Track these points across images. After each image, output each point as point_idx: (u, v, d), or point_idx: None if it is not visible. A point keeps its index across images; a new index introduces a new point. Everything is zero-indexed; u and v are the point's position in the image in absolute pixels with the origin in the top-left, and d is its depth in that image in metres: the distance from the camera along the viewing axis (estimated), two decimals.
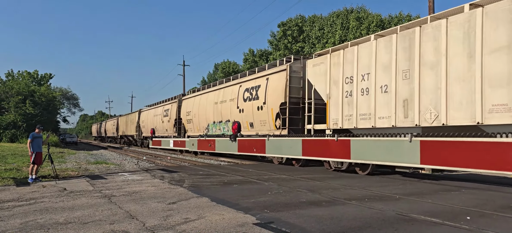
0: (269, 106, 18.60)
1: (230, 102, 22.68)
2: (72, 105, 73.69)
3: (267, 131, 19.04)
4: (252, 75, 21.36)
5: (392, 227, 6.16)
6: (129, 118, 51.87)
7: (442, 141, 10.55)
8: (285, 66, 17.82)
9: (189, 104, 30.02)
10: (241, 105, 21.47)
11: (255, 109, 19.93)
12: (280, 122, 17.88)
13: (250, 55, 52.11)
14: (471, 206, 8.02)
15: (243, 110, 21.26)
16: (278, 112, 17.78)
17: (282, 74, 18.04)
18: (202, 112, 26.78)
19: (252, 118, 20.31)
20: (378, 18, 36.70)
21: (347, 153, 13.55)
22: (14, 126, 40.79)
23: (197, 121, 27.93)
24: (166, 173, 14.45)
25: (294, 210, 7.49)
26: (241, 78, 22.62)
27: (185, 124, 30.33)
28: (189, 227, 6.12)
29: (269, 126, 18.83)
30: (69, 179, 12.60)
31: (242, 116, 21.35)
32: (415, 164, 11.38)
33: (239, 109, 21.65)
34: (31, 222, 6.45)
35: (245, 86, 21.32)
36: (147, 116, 41.72)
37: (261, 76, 20.11)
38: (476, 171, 10.07)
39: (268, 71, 19.55)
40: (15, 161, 18.41)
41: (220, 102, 24.10)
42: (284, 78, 17.79)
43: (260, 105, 19.47)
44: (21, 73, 56.71)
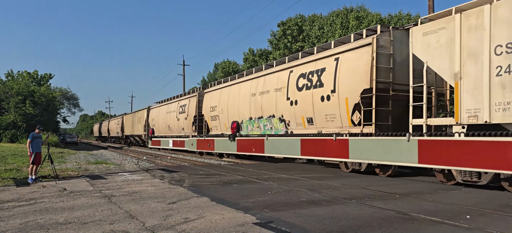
0: (342, 96, 14.27)
1: (276, 93, 18.39)
2: (72, 106, 73.76)
3: (337, 128, 14.76)
4: (309, 56, 16.88)
5: (392, 226, 6.16)
6: (136, 116, 47.50)
7: (440, 140, 10.56)
8: (369, 40, 13.39)
9: (214, 98, 25.57)
10: (294, 95, 17.04)
11: (317, 100, 15.52)
12: (360, 116, 13.70)
13: (250, 55, 52.06)
14: (471, 205, 8.02)
15: (296, 102, 16.91)
16: (358, 102, 13.59)
17: (363, 51, 13.65)
18: (233, 107, 22.59)
19: (312, 112, 15.96)
20: (377, 17, 36.67)
21: (346, 153, 13.56)
22: (14, 126, 40.80)
23: (225, 117, 23.67)
24: (166, 173, 14.45)
25: (294, 209, 7.49)
26: (291, 62, 18.09)
27: (208, 121, 26.17)
28: (189, 226, 6.12)
29: (341, 122, 14.63)
30: (69, 179, 12.60)
31: (295, 110, 17.06)
32: (413, 163, 11.40)
33: (290, 100, 17.29)
34: (31, 222, 6.46)
35: (300, 72, 16.93)
36: (159, 114, 37.52)
37: (325, 57, 15.54)
38: (475, 170, 10.05)
39: (338, 50, 14.98)
40: (15, 161, 18.41)
41: (259, 93, 19.78)
42: (367, 56, 13.38)
43: (326, 95, 15.05)
44: (21, 74, 56.69)
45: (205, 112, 26.79)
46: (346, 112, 14.26)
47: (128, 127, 52.09)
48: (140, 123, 44.31)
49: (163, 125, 35.63)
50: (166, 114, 34.79)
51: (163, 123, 35.59)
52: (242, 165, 19.15)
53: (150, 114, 40.28)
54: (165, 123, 35.11)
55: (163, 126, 35.86)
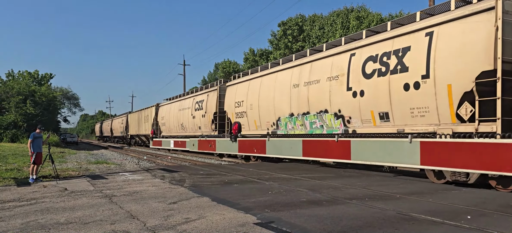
0: (441, 82, 10.87)
1: (330, 83, 14.86)
2: (72, 105, 73.83)
3: (432, 126, 11.38)
4: (380, 34, 13.19)
5: (393, 226, 6.16)
6: (143, 115, 43.46)
7: (442, 142, 10.56)
8: (489, 3, 9.84)
9: (240, 91, 22.04)
10: (359, 84, 13.51)
11: (398, 89, 12.10)
12: (472, 109, 10.25)
13: (251, 55, 52.11)
14: (472, 205, 8.02)
15: (361, 93, 13.42)
16: (471, 90, 10.15)
17: (477, 20, 10.07)
18: (266, 101, 19.15)
19: (388, 104, 12.51)
20: (378, 17, 36.69)
21: (348, 154, 13.55)
22: (15, 126, 40.85)
23: (254, 114, 20.22)
24: (166, 173, 14.45)
25: (295, 209, 7.50)
26: (351, 43, 14.40)
27: (232, 119, 22.77)
28: (190, 227, 6.13)
29: (438, 117, 11.17)
30: (70, 179, 12.61)
31: (360, 102, 13.56)
32: (415, 165, 11.40)
33: (352, 91, 13.81)
34: (32, 222, 6.46)
35: (366, 54, 13.43)
36: (170, 111, 34.07)
37: (408, 32, 12.00)
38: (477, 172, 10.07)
39: (432, 21, 11.32)
40: (15, 161, 18.43)
41: (304, 84, 16.37)
42: (486, 26, 9.85)
43: (413, 82, 11.59)
44: (21, 73, 56.76)
45: (228, 109, 23.40)
46: (447, 104, 10.80)
47: (134, 126, 48.50)
48: (148, 122, 41.15)
49: (175, 123, 32.45)
50: (179, 112, 31.54)
51: (175, 121, 32.42)
52: (242, 164, 19.15)
53: (159, 112, 37.30)
54: (177, 121, 31.97)
55: (175, 125, 32.67)
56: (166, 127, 35.08)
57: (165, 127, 35.34)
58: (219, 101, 24.64)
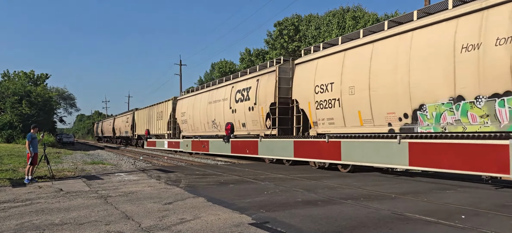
0: None
1: None
2: (68, 106, 73.33)
3: None
4: None
5: (387, 226, 6.19)
6: (155, 111, 36.92)
7: (430, 143, 10.62)
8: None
9: (327, 69, 15.28)
10: None
11: None
12: None
13: (247, 55, 52.10)
14: (466, 204, 8.06)
15: None
16: None
17: None
18: (391, 78, 12.24)
19: None
20: (374, 17, 36.76)
21: (338, 154, 13.61)
22: (11, 126, 40.65)
23: (360, 101, 13.41)
24: (162, 173, 14.44)
25: (290, 209, 7.51)
26: None
27: (309, 113, 16.21)
28: (184, 227, 6.13)
29: None
30: (65, 180, 12.57)
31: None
32: (404, 166, 11.48)
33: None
34: (26, 223, 6.45)
35: None
36: (194, 105, 27.54)
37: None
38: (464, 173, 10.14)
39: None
40: (11, 162, 18.35)
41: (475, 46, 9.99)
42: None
43: None
44: (17, 74, 56.52)
45: (299, 97, 17.05)
46: None
47: (142, 125, 41.72)
48: (162, 119, 34.50)
49: (203, 119, 25.76)
50: (209, 105, 24.93)
51: (203, 117, 25.69)
52: (238, 165, 19.15)
53: (178, 107, 30.93)
54: (206, 117, 25.09)
55: (202, 122, 25.85)
56: (188, 125, 28.21)
57: (186, 125, 28.52)
58: (278, 87, 18.21)
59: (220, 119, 23.25)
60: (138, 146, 44.90)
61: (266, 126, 19.10)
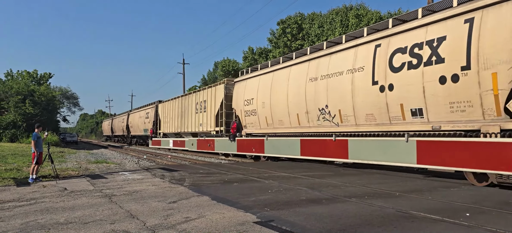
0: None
1: None
2: (72, 105, 73.39)
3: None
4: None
5: (392, 224, 6.18)
6: (191, 101, 28.80)
7: (438, 141, 10.58)
8: None
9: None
10: None
11: None
12: None
13: (250, 53, 52.08)
14: (471, 202, 8.04)
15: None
16: None
17: None
18: None
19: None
20: (377, 15, 36.67)
21: (345, 153, 13.61)
22: (14, 125, 40.82)
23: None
24: (166, 172, 14.46)
25: (294, 208, 7.51)
26: None
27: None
28: (189, 226, 6.14)
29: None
30: (69, 179, 12.61)
31: None
32: (411, 164, 11.44)
33: None
34: (32, 223, 6.47)
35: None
36: (273, 86, 18.55)
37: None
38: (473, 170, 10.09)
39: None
40: (15, 161, 18.43)
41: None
42: None
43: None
44: (20, 73, 56.65)
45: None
46: None
47: (171, 121, 33.63)
48: (206, 112, 26.00)
49: (296, 108, 16.81)
50: (311, 84, 15.83)
51: (296, 105, 16.78)
52: (242, 163, 19.16)
53: (237, 92, 22.21)
54: (305, 104, 16.16)
55: (294, 111, 16.93)
56: (259, 117, 19.74)
57: (255, 118, 20.12)
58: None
59: (340, 102, 14.48)
60: None
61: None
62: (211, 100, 25.39)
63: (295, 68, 17.24)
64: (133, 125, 48.76)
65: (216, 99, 24.67)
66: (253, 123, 20.45)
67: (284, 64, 18.23)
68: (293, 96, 16.84)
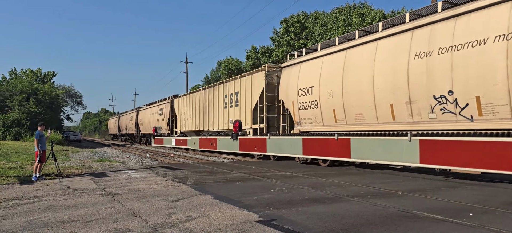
0: None
1: None
2: (75, 103, 73.74)
3: None
4: None
5: (395, 224, 6.16)
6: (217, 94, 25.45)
7: (442, 141, 10.53)
8: None
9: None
10: None
11: None
12: None
13: (253, 52, 52.07)
14: (474, 202, 8.01)
15: None
16: None
17: None
18: None
19: None
20: (380, 14, 36.58)
21: (347, 152, 13.53)
22: (18, 124, 41.00)
23: None
24: (169, 171, 14.49)
25: (297, 207, 7.50)
26: None
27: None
28: (192, 225, 6.14)
29: None
30: (72, 177, 12.65)
31: None
32: (414, 163, 11.37)
33: None
34: (35, 221, 6.49)
35: None
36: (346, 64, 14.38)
37: None
38: (475, 170, 10.04)
39: None
40: (19, 159, 18.50)
41: None
42: None
43: None
44: (24, 72, 56.91)
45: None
46: None
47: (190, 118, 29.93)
48: (238, 106, 22.41)
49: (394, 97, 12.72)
50: None
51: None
52: (245, 162, 19.17)
53: (286, 80, 18.25)
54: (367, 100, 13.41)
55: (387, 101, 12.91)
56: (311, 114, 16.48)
57: (310, 112, 16.49)
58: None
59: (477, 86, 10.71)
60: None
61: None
62: (246, 91, 21.52)
63: (385, 43, 13.00)
64: (144, 123, 44.93)
65: (253, 91, 20.78)
66: (312, 119, 16.43)
67: (364, 38, 13.97)
68: (384, 80, 12.75)
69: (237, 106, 22.55)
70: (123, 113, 63.37)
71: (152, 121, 40.74)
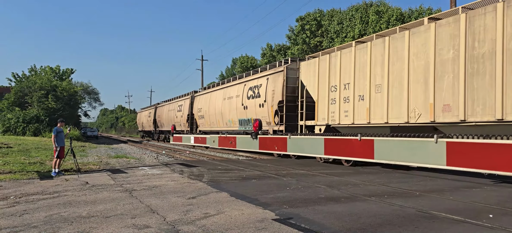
0: None
1: None
2: (92, 100, 74.58)
3: None
4: None
5: (413, 224, 6.10)
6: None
7: (469, 143, 10.31)
8: None
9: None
10: None
11: None
12: None
13: (268, 50, 52.01)
14: (494, 203, 7.87)
15: None
16: None
17: None
18: None
19: None
20: (398, 11, 36.14)
21: (371, 153, 13.39)
22: (37, 120, 41.72)
23: None
24: (185, 168, 14.58)
25: (313, 206, 7.48)
26: None
27: None
28: (209, 222, 6.18)
29: None
30: (90, 173, 12.84)
31: None
32: (441, 166, 11.18)
33: None
34: (55, 215, 6.61)
35: None
36: None
37: None
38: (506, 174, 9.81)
39: None
40: (38, 155, 18.84)
41: None
42: None
43: None
44: (43, 69, 57.82)
45: None
46: None
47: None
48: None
49: None
50: None
51: None
52: (260, 160, 19.18)
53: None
54: None
55: None
56: None
57: None
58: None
59: None
60: None
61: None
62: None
63: None
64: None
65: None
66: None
67: None
68: None
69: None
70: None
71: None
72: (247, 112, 23.15)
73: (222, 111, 27.03)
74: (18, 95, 44.70)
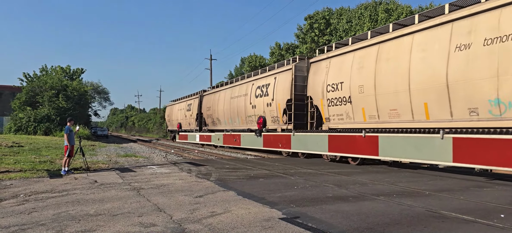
0: None
1: None
2: (102, 99, 75.30)
3: None
4: None
5: (422, 224, 6.02)
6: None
7: (476, 139, 10.17)
8: None
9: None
10: None
11: None
12: None
13: (277, 49, 51.90)
14: (505, 203, 7.75)
15: None
16: None
17: None
18: None
19: None
20: (408, 9, 35.83)
21: (375, 150, 13.31)
22: (48, 119, 42.10)
23: None
24: (193, 167, 14.60)
25: (321, 205, 7.43)
26: None
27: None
28: (215, 220, 6.16)
29: None
30: (99, 172, 12.90)
31: None
32: (447, 162, 11.06)
33: None
34: (63, 213, 6.65)
35: None
36: None
37: None
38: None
39: None
40: (48, 153, 19.00)
41: None
42: None
43: None
44: (54, 68, 58.32)
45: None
46: None
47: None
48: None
49: None
50: None
51: None
52: (268, 159, 19.14)
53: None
54: None
55: None
56: None
57: None
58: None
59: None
60: None
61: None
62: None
63: None
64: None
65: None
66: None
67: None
68: None
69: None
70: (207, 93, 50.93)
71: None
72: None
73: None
74: (29, 95, 45.15)
